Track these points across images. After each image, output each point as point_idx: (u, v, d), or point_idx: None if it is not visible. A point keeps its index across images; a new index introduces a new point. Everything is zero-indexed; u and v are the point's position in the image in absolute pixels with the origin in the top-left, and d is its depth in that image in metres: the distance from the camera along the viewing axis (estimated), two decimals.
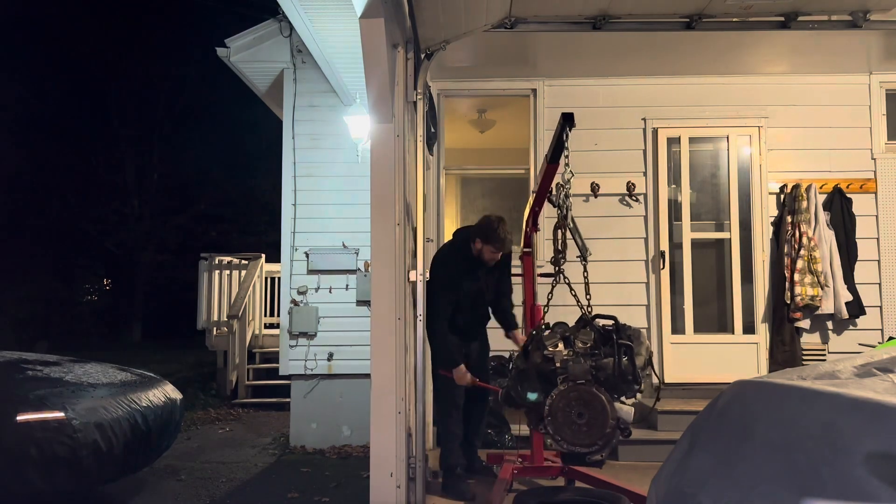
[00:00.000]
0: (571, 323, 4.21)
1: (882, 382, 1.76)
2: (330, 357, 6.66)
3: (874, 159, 6.05)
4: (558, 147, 4.03)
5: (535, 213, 4.72)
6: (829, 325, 5.99)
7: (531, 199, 4.78)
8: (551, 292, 4.44)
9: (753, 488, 1.68)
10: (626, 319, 5.73)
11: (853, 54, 5.70)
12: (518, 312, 5.15)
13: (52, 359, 5.22)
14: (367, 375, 3.89)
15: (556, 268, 4.46)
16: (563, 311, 4.68)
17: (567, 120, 3.89)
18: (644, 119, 6.13)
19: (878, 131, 6.07)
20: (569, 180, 4.29)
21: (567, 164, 4.19)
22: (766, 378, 2.18)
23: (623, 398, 3.88)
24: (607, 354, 3.79)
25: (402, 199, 3.99)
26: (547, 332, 4.05)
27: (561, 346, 3.92)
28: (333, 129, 6.72)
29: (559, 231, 4.49)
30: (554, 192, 4.75)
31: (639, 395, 3.82)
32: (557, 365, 3.78)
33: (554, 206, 4.64)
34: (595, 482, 4.21)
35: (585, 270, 4.44)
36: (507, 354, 5.79)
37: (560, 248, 4.48)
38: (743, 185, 6.09)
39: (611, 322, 3.92)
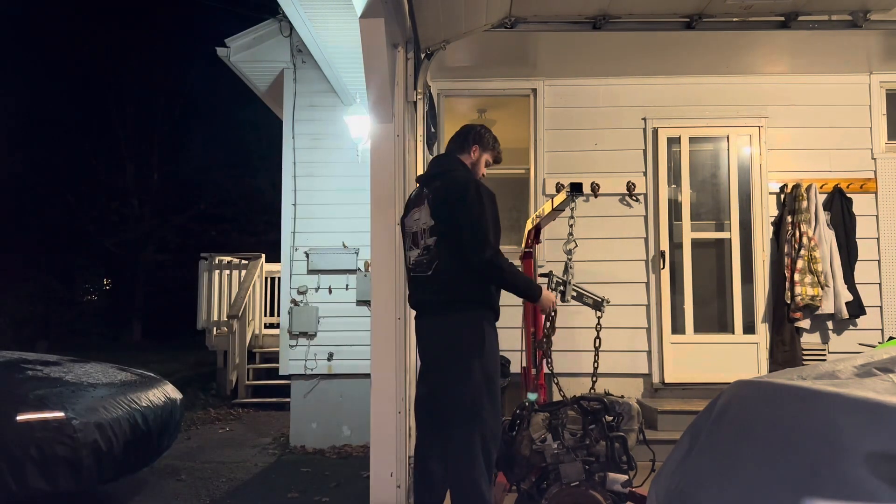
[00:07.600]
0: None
1: (882, 382, 1.75)
2: (330, 357, 6.65)
3: (874, 159, 6.05)
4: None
5: (538, 229, 4.73)
6: (830, 325, 5.98)
7: (533, 217, 4.76)
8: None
9: (753, 488, 1.67)
10: (627, 319, 5.87)
11: (853, 54, 5.70)
12: (518, 312, 5.16)
13: (52, 359, 5.21)
14: (367, 375, 3.89)
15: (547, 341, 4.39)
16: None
17: (575, 189, 3.91)
18: (644, 119, 6.13)
19: (879, 131, 6.07)
20: (571, 250, 4.29)
21: (571, 234, 4.23)
22: (766, 378, 2.18)
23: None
24: (598, 437, 3.62)
25: (403, 199, 3.99)
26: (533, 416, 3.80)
27: (549, 436, 3.67)
28: (333, 129, 6.71)
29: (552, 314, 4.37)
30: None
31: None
32: (548, 461, 3.57)
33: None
34: None
35: (599, 323, 4.48)
36: (506, 355, 5.79)
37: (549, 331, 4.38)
38: (743, 185, 6.09)
39: (598, 405, 3.75)
